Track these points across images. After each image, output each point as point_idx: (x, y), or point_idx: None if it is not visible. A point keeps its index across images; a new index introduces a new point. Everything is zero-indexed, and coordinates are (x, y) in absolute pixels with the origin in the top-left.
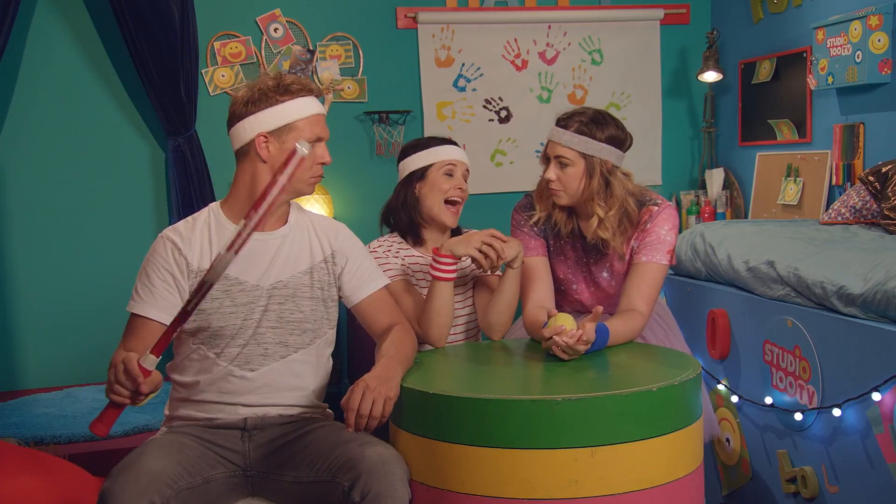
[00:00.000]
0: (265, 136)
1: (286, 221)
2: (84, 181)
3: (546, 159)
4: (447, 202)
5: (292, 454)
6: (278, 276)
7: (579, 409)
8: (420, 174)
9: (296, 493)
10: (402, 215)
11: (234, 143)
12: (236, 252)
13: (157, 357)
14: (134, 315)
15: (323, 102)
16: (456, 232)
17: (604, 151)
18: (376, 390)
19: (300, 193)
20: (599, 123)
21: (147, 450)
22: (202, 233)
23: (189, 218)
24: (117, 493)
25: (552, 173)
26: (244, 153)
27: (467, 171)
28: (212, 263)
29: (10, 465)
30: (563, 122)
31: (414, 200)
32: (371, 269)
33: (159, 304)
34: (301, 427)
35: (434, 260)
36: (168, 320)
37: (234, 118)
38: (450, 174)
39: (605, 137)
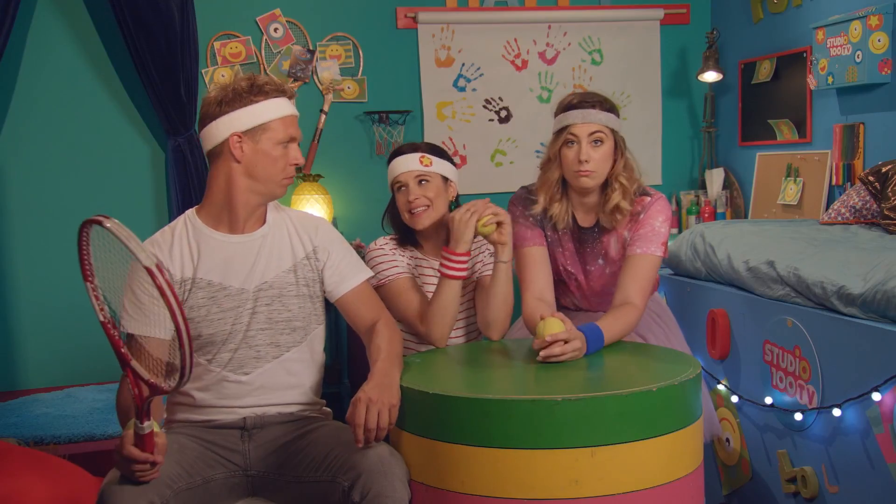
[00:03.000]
0: (239, 136)
1: (264, 222)
2: (84, 181)
3: (567, 144)
4: (409, 213)
5: (292, 454)
6: (262, 277)
7: (579, 409)
8: (392, 194)
9: (296, 492)
10: (397, 228)
11: (206, 144)
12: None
13: (151, 420)
14: (129, 334)
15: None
16: None
17: (621, 127)
18: (379, 401)
19: (273, 196)
20: (612, 103)
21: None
22: (181, 241)
23: (166, 227)
24: (116, 493)
25: (586, 154)
26: (217, 154)
27: (422, 175)
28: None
29: (10, 465)
30: (586, 103)
31: (396, 218)
32: (353, 263)
33: (150, 319)
34: (301, 427)
35: (445, 258)
36: (161, 334)
37: (206, 118)
38: (401, 188)
39: (618, 114)
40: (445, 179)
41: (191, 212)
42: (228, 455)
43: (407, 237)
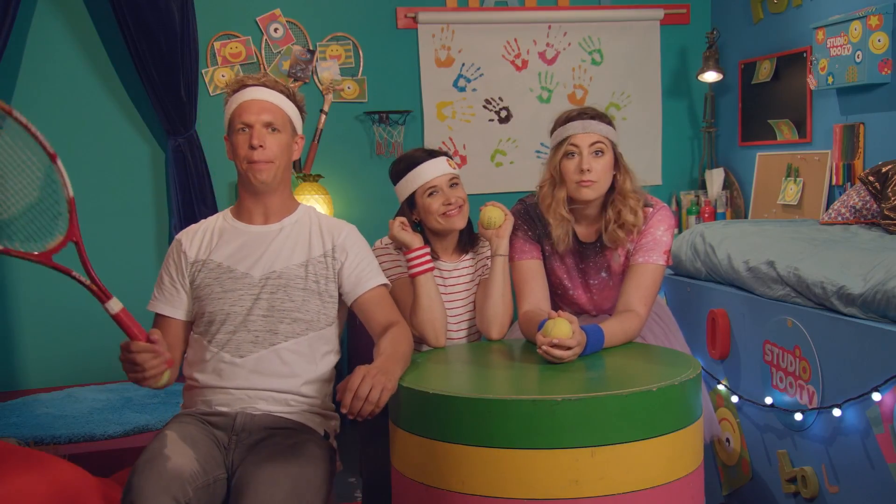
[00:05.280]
0: (226, 138)
1: (287, 215)
2: (84, 181)
3: (567, 155)
4: (444, 215)
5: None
6: (271, 266)
7: (579, 409)
8: (410, 203)
9: None
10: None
11: None
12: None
13: (112, 299)
14: (155, 314)
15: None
16: (467, 233)
17: (620, 145)
18: (375, 377)
19: (250, 184)
20: (610, 118)
21: (167, 443)
22: (207, 228)
23: (207, 218)
24: (143, 489)
25: (588, 164)
26: None
27: (453, 178)
28: None
29: (10, 465)
30: (585, 115)
31: (416, 226)
32: (371, 268)
33: (167, 299)
34: (274, 444)
35: (407, 260)
36: (174, 314)
37: None
38: (433, 193)
39: (615, 129)
40: None
41: (228, 208)
42: (223, 456)
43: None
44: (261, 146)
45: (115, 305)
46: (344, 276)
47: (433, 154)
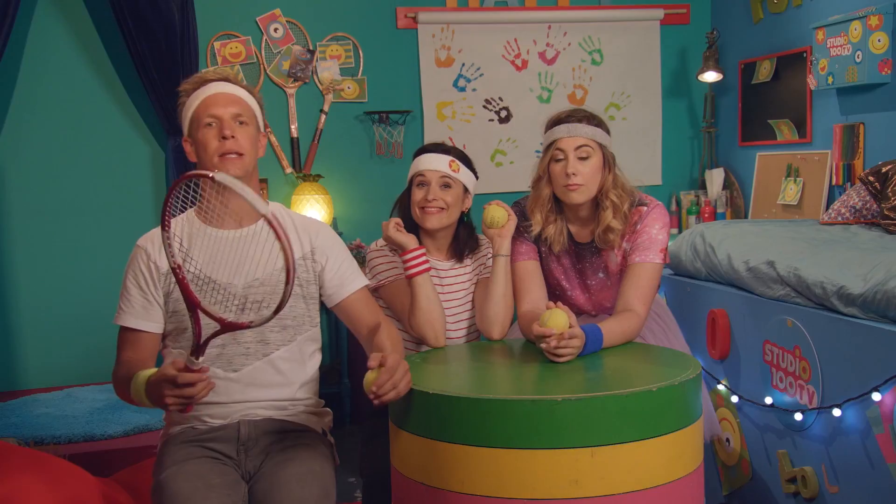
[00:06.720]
0: (185, 139)
1: (259, 217)
2: (84, 181)
3: (555, 160)
4: (421, 209)
5: (267, 478)
6: (253, 274)
7: (579, 409)
8: (408, 186)
9: None
10: (404, 219)
11: None
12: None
13: (196, 358)
14: (122, 327)
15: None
16: (464, 239)
17: (611, 144)
18: (406, 377)
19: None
20: (600, 119)
21: (184, 489)
22: (172, 234)
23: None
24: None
25: (574, 168)
26: None
27: (445, 178)
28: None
29: (10, 465)
30: (572, 118)
31: (406, 210)
32: (352, 269)
33: (138, 312)
34: (287, 445)
35: (404, 262)
36: (148, 327)
37: None
38: (421, 185)
39: (607, 131)
40: (465, 189)
41: (191, 209)
42: (233, 464)
43: (411, 230)
44: (233, 136)
45: (202, 364)
46: (326, 278)
47: (445, 150)
